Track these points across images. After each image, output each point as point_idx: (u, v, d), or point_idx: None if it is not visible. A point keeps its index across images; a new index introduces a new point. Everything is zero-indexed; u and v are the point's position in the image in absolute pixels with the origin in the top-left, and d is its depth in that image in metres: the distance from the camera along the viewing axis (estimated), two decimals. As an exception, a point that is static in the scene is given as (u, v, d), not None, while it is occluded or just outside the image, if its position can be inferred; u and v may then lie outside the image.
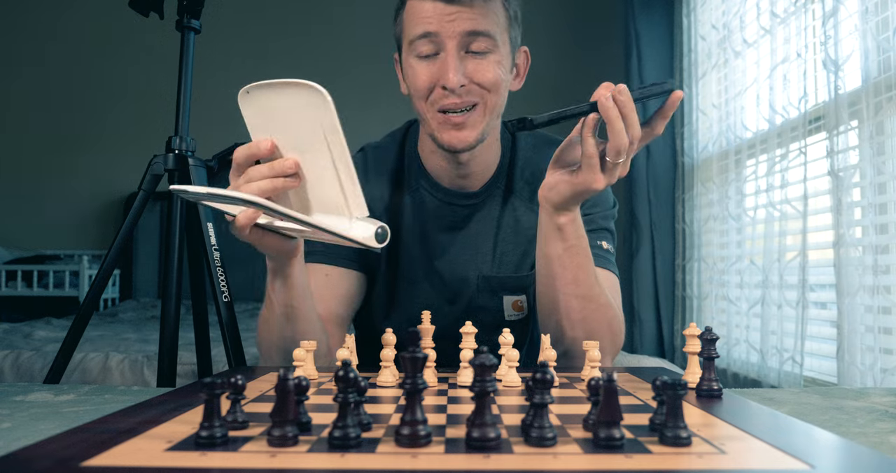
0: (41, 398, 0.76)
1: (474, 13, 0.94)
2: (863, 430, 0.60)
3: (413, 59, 0.99)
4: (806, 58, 1.92)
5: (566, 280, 0.91)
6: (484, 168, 1.09)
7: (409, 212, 1.11)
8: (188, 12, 1.24)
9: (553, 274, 0.92)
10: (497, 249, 1.10)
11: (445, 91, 0.96)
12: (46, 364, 1.84)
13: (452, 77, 0.94)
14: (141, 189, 1.22)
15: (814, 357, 1.89)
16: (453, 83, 0.94)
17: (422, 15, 0.96)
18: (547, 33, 3.89)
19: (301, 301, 0.90)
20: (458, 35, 0.94)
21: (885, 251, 1.57)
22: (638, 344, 2.89)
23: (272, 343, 0.94)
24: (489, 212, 1.10)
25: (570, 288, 0.91)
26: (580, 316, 0.92)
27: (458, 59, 0.95)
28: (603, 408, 0.44)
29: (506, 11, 1.00)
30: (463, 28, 0.94)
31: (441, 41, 0.95)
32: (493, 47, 0.97)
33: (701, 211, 2.70)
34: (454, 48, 0.95)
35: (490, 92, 0.98)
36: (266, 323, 0.94)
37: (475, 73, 0.96)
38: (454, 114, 0.98)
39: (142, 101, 4.00)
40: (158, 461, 0.41)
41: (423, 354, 0.45)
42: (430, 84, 0.97)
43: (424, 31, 0.95)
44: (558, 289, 0.92)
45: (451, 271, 1.09)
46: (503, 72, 0.99)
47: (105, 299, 3.75)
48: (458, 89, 0.95)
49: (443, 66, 0.95)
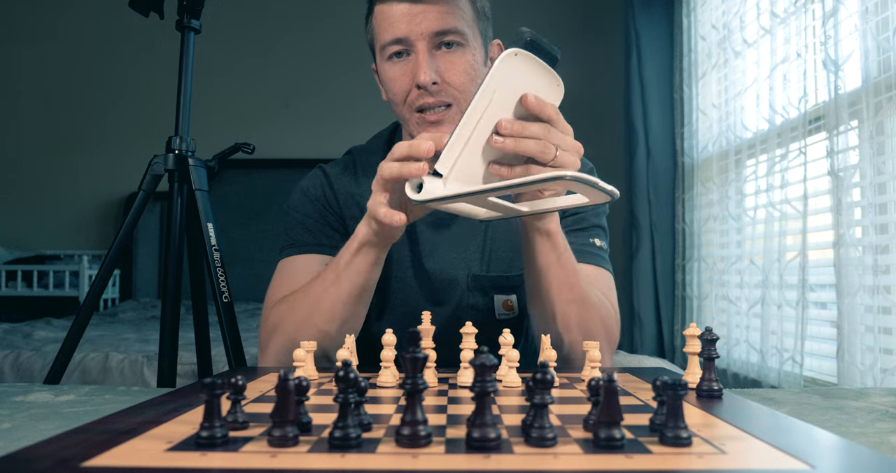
0: (41, 398, 0.76)
1: (440, 11, 0.96)
2: (863, 430, 0.60)
3: (386, 63, 1.00)
4: (806, 58, 1.92)
5: (561, 287, 0.90)
6: None
7: None
8: (188, 12, 1.24)
9: (548, 285, 0.91)
10: (486, 247, 1.09)
11: (420, 90, 0.97)
12: (46, 364, 1.84)
13: (423, 75, 0.95)
14: (141, 189, 1.22)
15: (814, 357, 1.88)
16: (425, 81, 0.95)
17: (390, 19, 0.97)
18: (547, 33, 3.88)
19: (373, 283, 0.92)
20: (427, 35, 0.96)
21: (885, 251, 1.57)
22: (638, 344, 2.89)
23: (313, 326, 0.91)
24: None
25: (565, 295, 0.91)
26: (577, 321, 0.92)
27: (428, 57, 0.96)
28: (603, 408, 0.44)
29: (472, 5, 1.01)
30: (431, 28, 0.95)
31: (411, 42, 0.96)
32: (462, 41, 0.98)
33: (701, 211, 2.69)
34: (424, 48, 0.96)
35: (461, 91, 0.98)
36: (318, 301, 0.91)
37: (446, 72, 0.97)
38: (430, 113, 0.99)
39: (142, 101, 4.00)
40: (159, 461, 0.41)
41: (423, 354, 0.45)
42: (405, 86, 0.98)
43: (394, 36, 0.97)
44: (554, 299, 0.91)
45: (441, 270, 1.09)
46: (476, 66, 1.00)
47: (105, 299, 3.75)
48: (430, 87, 0.96)
49: (414, 65, 0.97)
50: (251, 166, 3.62)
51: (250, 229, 3.80)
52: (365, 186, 1.11)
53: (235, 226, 3.74)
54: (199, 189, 1.23)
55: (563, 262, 0.89)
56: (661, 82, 2.86)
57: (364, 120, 2.36)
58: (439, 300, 1.09)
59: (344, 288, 0.89)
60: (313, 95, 4.07)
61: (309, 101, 4.08)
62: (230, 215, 3.68)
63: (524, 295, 1.13)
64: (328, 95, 4.02)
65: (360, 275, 0.89)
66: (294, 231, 1.08)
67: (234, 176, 3.79)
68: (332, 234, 1.08)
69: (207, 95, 3.47)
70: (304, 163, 1.73)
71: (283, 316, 0.95)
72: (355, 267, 0.89)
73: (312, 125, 4.03)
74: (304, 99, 4.08)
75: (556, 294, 0.91)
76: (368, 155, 1.15)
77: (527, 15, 3.83)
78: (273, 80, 4.07)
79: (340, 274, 0.89)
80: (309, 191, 1.12)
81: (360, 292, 0.90)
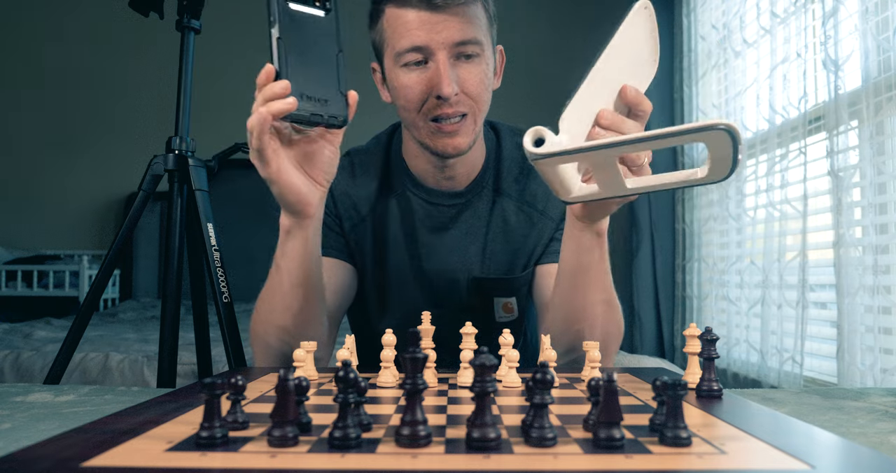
0: (41, 398, 0.76)
1: (461, 21, 0.93)
2: (863, 430, 0.60)
3: (400, 70, 0.97)
4: (806, 58, 1.92)
5: (597, 287, 0.88)
6: (469, 167, 1.08)
7: (396, 213, 1.10)
8: (188, 12, 1.24)
9: (586, 284, 0.88)
10: (486, 249, 1.09)
11: (439, 100, 0.94)
12: (46, 364, 1.85)
13: (446, 88, 0.93)
14: (141, 189, 1.22)
15: (814, 357, 1.89)
16: (449, 93, 0.93)
17: (407, 26, 0.94)
18: (547, 33, 3.89)
19: (315, 266, 0.87)
20: (448, 45, 0.93)
21: (885, 251, 1.57)
22: (638, 344, 2.89)
23: (272, 324, 0.89)
24: (476, 211, 1.10)
25: (599, 295, 0.88)
26: (602, 321, 0.90)
27: (450, 69, 0.93)
28: (603, 409, 0.44)
29: (486, 12, 0.99)
30: (452, 38, 0.93)
31: (431, 51, 0.94)
32: (480, 51, 0.96)
33: (701, 211, 2.70)
34: (444, 59, 0.93)
35: (478, 102, 0.97)
36: (270, 297, 0.89)
37: (465, 82, 0.95)
38: (447, 123, 0.97)
39: (142, 101, 4.00)
40: (159, 461, 0.41)
41: (423, 354, 0.45)
42: (421, 95, 0.96)
43: (412, 45, 0.93)
44: (587, 298, 0.88)
45: (441, 273, 1.09)
46: (490, 74, 0.99)
47: (105, 299, 3.75)
48: (451, 98, 0.94)
49: (434, 75, 0.94)
50: (251, 166, 3.60)
51: (250, 229, 3.79)
52: (362, 188, 1.11)
53: (235, 226, 3.74)
54: (199, 189, 1.23)
55: (603, 262, 0.87)
56: (661, 82, 2.86)
57: (363, 120, 2.36)
58: (439, 302, 1.09)
59: (285, 279, 0.86)
60: (313, 95, 4.06)
61: (309, 101, 4.07)
62: (230, 215, 3.68)
63: (523, 297, 1.13)
64: (328, 95, 4.01)
65: (294, 262, 0.85)
66: None
67: (234, 176, 3.79)
68: (329, 234, 1.08)
69: (207, 95, 3.47)
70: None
71: (252, 322, 0.94)
72: (289, 255, 0.85)
73: (312, 125, 4.02)
74: (304, 99, 4.08)
75: (592, 293, 0.88)
76: (366, 156, 1.14)
77: (527, 15, 3.84)
78: (273, 80, 4.07)
79: (279, 264, 0.87)
80: None
81: (302, 281, 0.86)
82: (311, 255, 0.86)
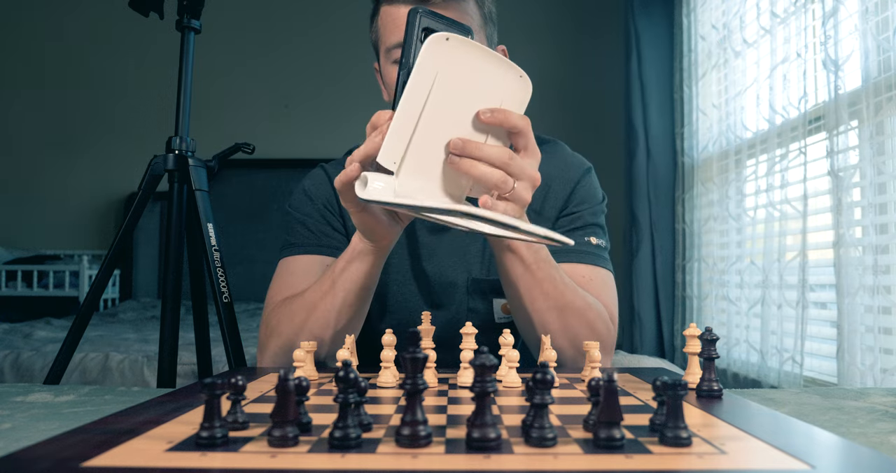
0: (41, 398, 0.76)
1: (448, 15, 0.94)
2: (863, 430, 0.60)
3: (391, 66, 0.99)
4: (806, 58, 1.92)
5: (534, 297, 0.89)
6: None
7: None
8: (188, 12, 1.24)
9: (520, 295, 0.90)
10: (486, 251, 1.09)
11: None
12: (46, 364, 1.85)
13: None
14: (141, 189, 1.22)
15: (814, 357, 1.88)
16: None
17: (396, 22, 0.95)
18: (547, 33, 3.89)
19: (371, 293, 0.91)
20: None
21: (885, 251, 1.57)
22: (638, 344, 2.89)
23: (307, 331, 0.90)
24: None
25: (540, 304, 0.90)
26: (558, 327, 0.90)
27: None
28: (603, 409, 0.44)
29: (479, 10, 1.00)
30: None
31: None
32: None
33: (701, 211, 2.69)
34: None
35: None
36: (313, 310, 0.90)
37: None
38: None
39: (142, 101, 4.00)
40: (159, 461, 0.41)
41: (423, 355, 0.45)
42: None
43: (400, 40, 0.94)
44: (528, 308, 0.90)
45: (440, 274, 1.09)
46: None
47: (105, 299, 3.75)
48: None
49: None
50: (251, 166, 3.62)
51: (250, 229, 3.80)
52: None
53: (235, 226, 3.74)
54: (199, 189, 1.23)
55: (533, 272, 0.88)
56: (661, 82, 2.86)
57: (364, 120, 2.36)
58: (439, 303, 1.09)
59: (339, 297, 0.89)
60: (313, 95, 4.07)
61: (309, 101, 4.08)
62: (230, 215, 3.69)
63: None
64: (328, 95, 4.02)
65: (354, 283, 0.88)
66: (295, 231, 1.08)
67: (234, 176, 3.80)
68: (333, 234, 1.08)
69: (207, 95, 3.48)
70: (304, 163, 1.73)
71: (280, 320, 0.95)
72: (349, 275, 0.88)
73: (312, 125, 4.03)
74: (304, 99, 4.08)
75: (530, 303, 0.90)
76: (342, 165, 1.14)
77: (526, 15, 3.84)
78: (273, 80, 4.07)
79: (336, 281, 0.89)
80: (310, 191, 1.11)
81: (354, 300, 0.89)
82: (373, 281, 0.89)
